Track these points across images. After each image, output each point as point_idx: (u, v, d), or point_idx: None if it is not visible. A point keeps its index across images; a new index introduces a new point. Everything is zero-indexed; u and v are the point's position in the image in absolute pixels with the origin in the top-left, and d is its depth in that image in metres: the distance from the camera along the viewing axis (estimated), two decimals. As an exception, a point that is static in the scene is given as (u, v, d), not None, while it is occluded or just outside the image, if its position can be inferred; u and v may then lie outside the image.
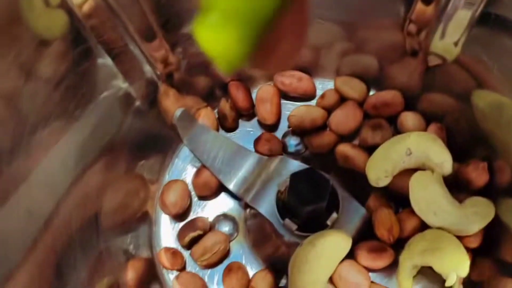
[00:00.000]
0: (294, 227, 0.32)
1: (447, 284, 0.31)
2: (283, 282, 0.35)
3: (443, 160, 0.33)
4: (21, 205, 0.25)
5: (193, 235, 0.34)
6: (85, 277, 0.29)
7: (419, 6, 0.31)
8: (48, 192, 0.27)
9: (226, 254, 0.35)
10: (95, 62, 0.30)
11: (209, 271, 0.35)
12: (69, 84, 0.27)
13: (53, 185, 0.28)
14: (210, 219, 0.36)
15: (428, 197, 0.32)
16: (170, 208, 0.35)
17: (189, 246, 0.34)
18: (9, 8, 0.23)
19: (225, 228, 0.36)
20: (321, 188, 0.31)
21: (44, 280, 0.26)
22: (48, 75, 0.26)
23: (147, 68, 0.33)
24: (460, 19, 0.30)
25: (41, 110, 0.26)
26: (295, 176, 0.31)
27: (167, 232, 0.36)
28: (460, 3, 0.29)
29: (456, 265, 0.31)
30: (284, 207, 0.33)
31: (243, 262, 0.35)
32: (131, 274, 0.32)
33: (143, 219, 0.36)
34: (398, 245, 0.33)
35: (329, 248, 0.31)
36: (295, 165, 0.34)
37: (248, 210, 0.36)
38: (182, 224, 0.36)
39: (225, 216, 0.37)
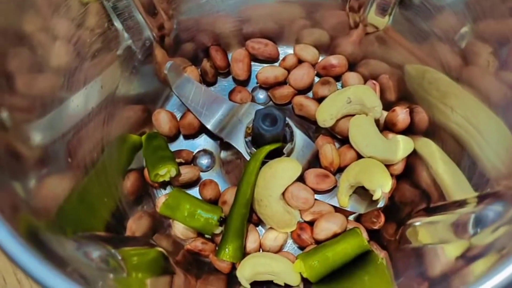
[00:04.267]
0: (257, 154, 0.37)
1: (374, 197, 0.35)
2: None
3: (375, 105, 0.38)
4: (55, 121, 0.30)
5: (177, 161, 0.40)
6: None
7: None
8: (72, 115, 0.33)
9: (197, 179, 0.41)
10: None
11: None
12: (103, 33, 0.34)
13: (78, 110, 0.33)
14: (194, 152, 0.42)
15: (363, 134, 0.38)
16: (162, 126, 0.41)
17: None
18: None
19: (205, 160, 0.42)
20: (277, 120, 0.36)
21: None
22: (91, 26, 0.33)
23: (147, 32, 0.38)
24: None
25: (85, 50, 0.33)
26: (258, 112, 0.36)
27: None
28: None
29: (381, 183, 0.35)
30: (250, 140, 0.38)
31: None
32: (128, 182, 0.38)
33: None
34: (339, 172, 0.38)
35: (282, 170, 0.37)
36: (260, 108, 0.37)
37: (222, 146, 0.42)
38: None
39: (205, 151, 0.42)
